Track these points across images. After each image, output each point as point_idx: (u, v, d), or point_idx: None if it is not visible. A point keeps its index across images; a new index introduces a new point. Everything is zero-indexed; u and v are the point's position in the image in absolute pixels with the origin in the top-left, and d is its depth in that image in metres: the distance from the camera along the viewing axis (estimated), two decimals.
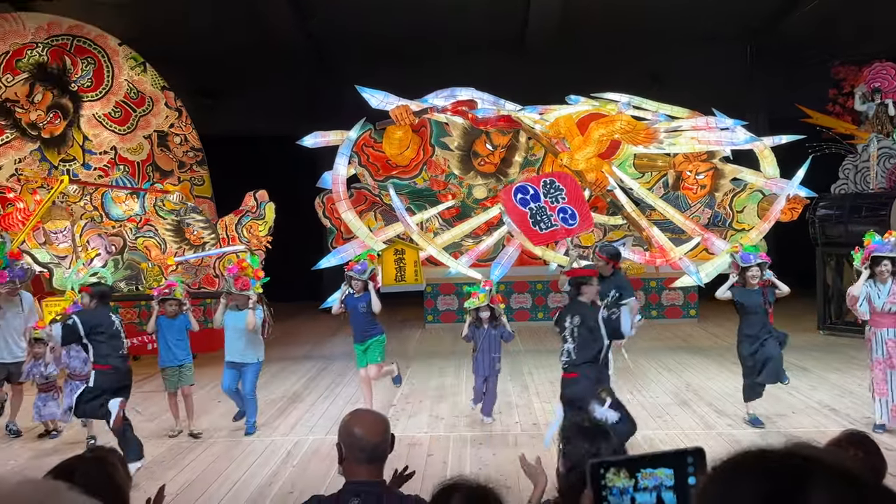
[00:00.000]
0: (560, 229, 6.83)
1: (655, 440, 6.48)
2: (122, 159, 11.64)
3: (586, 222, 7.05)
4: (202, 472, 5.98)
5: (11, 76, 11.52)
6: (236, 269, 7.10)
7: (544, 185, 6.90)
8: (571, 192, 6.93)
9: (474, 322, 7.27)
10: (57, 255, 10.84)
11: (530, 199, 6.85)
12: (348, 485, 2.37)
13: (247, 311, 6.94)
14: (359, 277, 7.20)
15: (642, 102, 10.37)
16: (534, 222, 6.85)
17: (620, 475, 1.15)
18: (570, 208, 6.85)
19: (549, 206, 6.82)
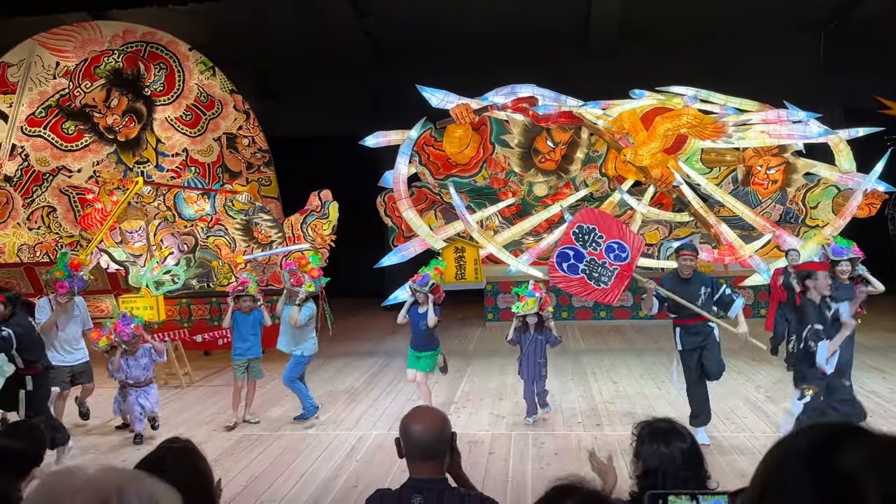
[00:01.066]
0: (621, 270, 6.42)
1: (724, 444, 6.30)
2: (193, 161, 12.06)
3: (636, 244, 6.56)
4: (269, 464, 6.13)
5: (90, 82, 12.09)
6: (294, 265, 7.32)
7: (576, 236, 6.46)
8: (602, 225, 6.47)
9: (520, 327, 7.13)
10: (132, 254, 11.32)
11: (575, 260, 6.44)
12: (411, 481, 2.40)
13: (293, 307, 7.15)
14: (419, 289, 7.17)
15: (709, 95, 10.11)
16: (595, 282, 6.43)
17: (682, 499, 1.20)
18: (615, 242, 6.42)
19: (595, 254, 6.41)
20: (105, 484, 0.96)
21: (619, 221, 6.95)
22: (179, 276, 9.68)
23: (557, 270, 6.49)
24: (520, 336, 7.15)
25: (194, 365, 9.90)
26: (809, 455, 0.90)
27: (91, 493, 0.94)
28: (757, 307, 13.21)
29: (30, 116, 12.07)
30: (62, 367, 7.20)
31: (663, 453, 2.43)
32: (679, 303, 6.39)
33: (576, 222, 6.56)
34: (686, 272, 6.50)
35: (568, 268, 6.46)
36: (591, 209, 6.99)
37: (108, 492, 0.94)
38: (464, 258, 9.63)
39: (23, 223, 12.03)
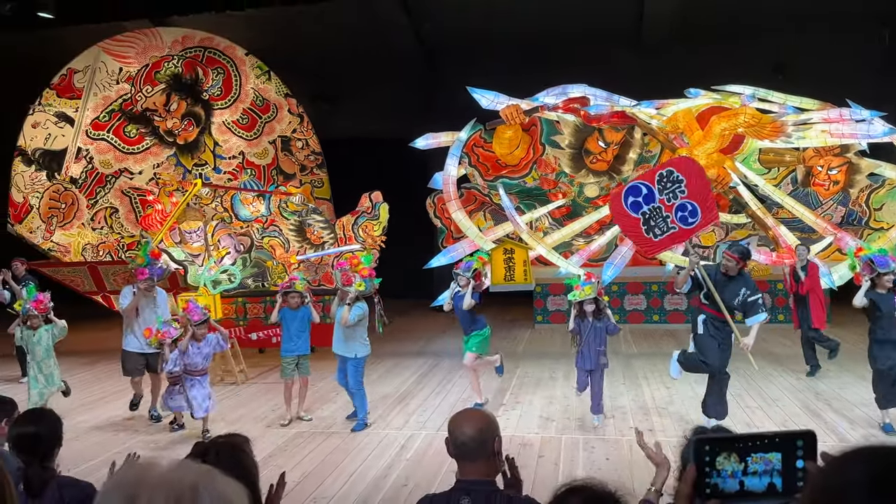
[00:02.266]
0: (678, 232, 6.24)
1: None
2: (249, 163, 12.34)
3: (709, 216, 6.33)
4: (320, 462, 6.23)
5: (151, 87, 12.50)
6: (346, 265, 7.42)
7: (660, 178, 6.20)
8: (693, 182, 6.18)
9: (579, 315, 7.11)
10: (191, 254, 11.65)
11: (643, 202, 6.22)
12: (459, 483, 2.41)
13: (344, 307, 7.21)
14: (462, 274, 7.39)
15: (768, 94, 9.83)
16: (647, 229, 6.24)
17: (731, 459, 1.13)
18: (690, 203, 6.17)
19: (666, 205, 6.20)
20: (180, 481, 0.98)
21: (710, 188, 6.65)
22: (236, 275, 9.92)
23: (620, 200, 6.30)
24: (579, 324, 7.11)
25: (249, 362, 10.13)
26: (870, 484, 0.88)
27: (167, 491, 0.96)
28: None
29: (94, 120, 12.54)
30: (135, 354, 7.56)
31: None
32: (711, 294, 6.36)
33: (670, 165, 6.35)
34: (727, 271, 6.41)
35: (631, 204, 6.26)
36: (696, 162, 6.74)
37: (182, 489, 0.97)
38: (513, 259, 9.60)
39: (87, 223, 12.50)
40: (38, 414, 3.22)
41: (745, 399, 7.80)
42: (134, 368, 7.59)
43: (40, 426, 3.01)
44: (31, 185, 12.54)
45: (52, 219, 12.46)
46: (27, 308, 7.28)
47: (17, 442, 2.97)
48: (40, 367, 7.27)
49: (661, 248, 6.44)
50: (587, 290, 6.95)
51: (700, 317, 6.57)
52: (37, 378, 7.25)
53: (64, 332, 7.41)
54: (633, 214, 6.29)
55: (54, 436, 3.05)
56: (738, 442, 1.15)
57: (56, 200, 12.52)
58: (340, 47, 14.17)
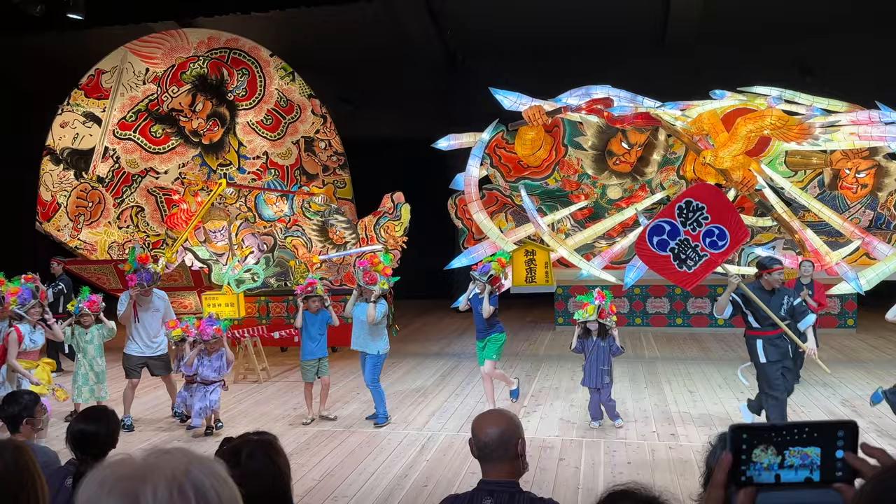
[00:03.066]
0: (710, 258, 6.10)
1: None
2: (273, 163, 12.44)
3: (739, 235, 6.21)
4: (340, 461, 6.26)
5: (177, 87, 12.64)
6: (367, 264, 7.45)
7: (680, 211, 6.10)
8: (714, 206, 6.08)
9: (582, 335, 7.10)
10: (215, 253, 11.77)
11: (668, 238, 6.12)
12: (483, 483, 2.41)
13: (368, 304, 7.28)
14: (478, 278, 7.34)
15: (795, 96, 9.71)
16: (679, 263, 6.13)
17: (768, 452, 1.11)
18: (717, 227, 6.07)
19: (692, 235, 6.08)
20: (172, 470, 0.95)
21: (733, 207, 6.57)
22: (259, 274, 10.00)
23: (646, 243, 6.22)
24: (583, 343, 7.11)
25: (271, 361, 10.22)
26: None
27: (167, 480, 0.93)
28: (843, 316, 12.61)
29: (121, 120, 12.71)
30: (134, 357, 7.51)
31: None
32: (762, 310, 6.20)
33: (686, 196, 6.24)
34: (775, 285, 6.30)
35: (658, 243, 6.18)
36: (711, 185, 6.66)
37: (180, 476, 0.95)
38: (534, 261, 9.56)
39: (113, 222, 12.68)
40: (101, 413, 3.24)
41: None
42: (131, 369, 7.52)
43: (101, 425, 3.06)
44: (59, 184, 12.75)
45: (80, 217, 12.66)
46: (80, 307, 7.41)
47: (77, 438, 3.01)
48: (92, 366, 7.37)
49: (699, 279, 6.31)
50: (589, 311, 6.93)
51: (757, 343, 6.35)
52: (88, 376, 7.35)
53: (112, 333, 7.53)
54: (662, 253, 6.20)
55: (112, 437, 3.10)
56: (776, 434, 1.11)
57: (83, 199, 12.71)
58: (364, 48, 14.24)
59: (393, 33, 14.09)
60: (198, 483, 0.96)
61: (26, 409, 3.65)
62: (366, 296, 7.37)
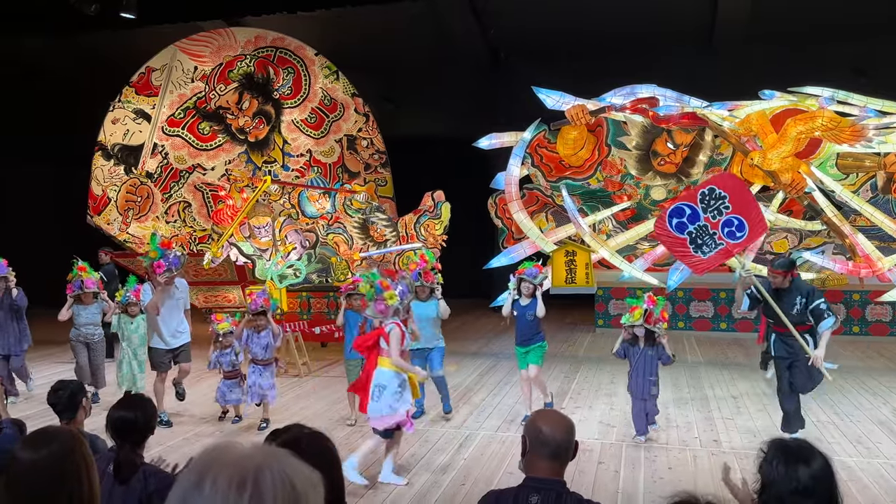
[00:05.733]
0: (726, 248, 6.11)
1: (855, 469, 5.87)
2: (316, 161, 12.60)
3: (757, 229, 6.21)
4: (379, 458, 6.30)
5: (224, 86, 12.89)
6: (423, 264, 7.50)
7: (702, 197, 6.12)
8: (736, 197, 6.12)
9: (629, 339, 6.77)
10: (259, 248, 11.97)
11: (688, 222, 6.14)
12: (529, 480, 2.41)
13: (438, 301, 7.44)
14: (530, 280, 7.27)
15: (848, 97, 9.43)
16: (695, 248, 6.16)
17: None
18: (737, 218, 6.09)
19: (711, 222, 6.10)
20: (248, 462, 1.00)
21: (755, 201, 6.56)
22: (301, 270, 10.14)
23: (665, 224, 6.27)
24: (627, 349, 6.81)
25: (312, 356, 10.35)
26: None
27: (232, 472, 0.98)
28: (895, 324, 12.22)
29: (170, 117, 13.02)
30: (161, 350, 7.42)
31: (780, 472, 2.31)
32: (772, 308, 6.21)
33: (710, 183, 6.27)
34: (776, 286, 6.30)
35: (676, 225, 6.21)
36: (734, 175, 6.63)
37: (247, 471, 0.99)
38: (574, 262, 9.47)
39: (161, 216, 13.00)
40: (138, 400, 3.31)
41: (816, 414, 7.52)
42: (160, 363, 7.40)
43: (139, 413, 3.12)
44: (109, 179, 13.12)
45: (129, 211, 13.00)
46: (127, 296, 7.58)
47: (117, 425, 3.07)
48: (135, 354, 7.54)
49: (712, 265, 6.37)
50: (636, 315, 6.61)
51: (772, 336, 6.48)
52: (131, 364, 7.52)
53: None
54: (680, 235, 6.22)
55: (149, 424, 3.16)
56: None
57: (132, 194, 13.06)
58: (407, 48, 14.29)
59: (436, 32, 14.11)
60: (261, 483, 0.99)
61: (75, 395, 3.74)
62: (421, 295, 7.42)
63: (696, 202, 6.16)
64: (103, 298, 8.08)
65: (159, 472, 3.04)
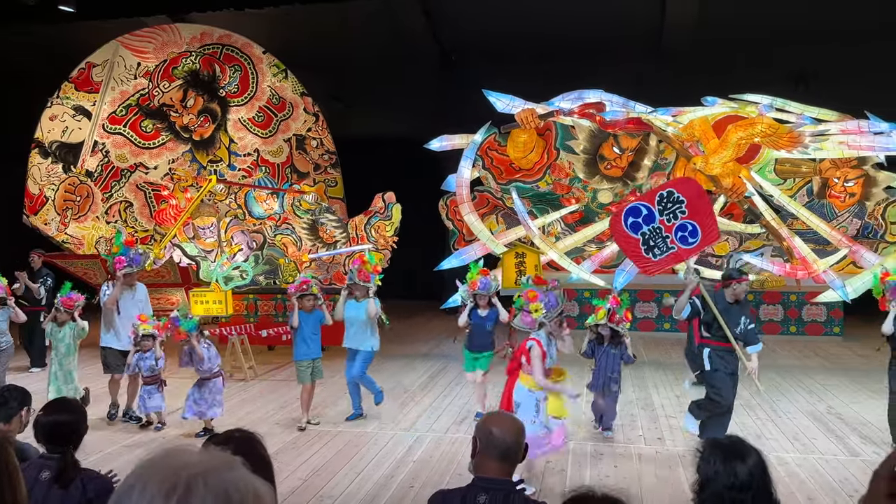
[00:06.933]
0: (677, 252, 6.17)
1: (792, 464, 6.07)
2: (264, 161, 12.39)
3: (710, 236, 6.30)
4: (328, 460, 6.24)
5: (168, 83, 12.58)
6: (359, 262, 7.46)
7: (660, 199, 6.17)
8: (693, 202, 6.16)
9: (593, 338, 6.97)
10: (204, 249, 11.71)
11: (643, 222, 6.19)
12: (478, 480, 2.43)
13: (367, 301, 7.34)
14: (485, 293, 7.31)
15: (786, 104, 9.76)
16: (646, 249, 6.20)
17: None
18: (691, 223, 6.15)
19: (666, 225, 6.14)
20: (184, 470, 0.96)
21: (712, 209, 6.59)
22: (248, 272, 9.95)
23: (620, 222, 6.31)
24: (593, 348, 6.99)
25: (258, 359, 10.16)
26: None
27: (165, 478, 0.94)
28: (830, 324, 12.70)
29: (111, 114, 12.63)
30: (114, 350, 7.31)
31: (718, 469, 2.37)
32: (717, 320, 6.18)
33: (670, 186, 6.32)
34: (739, 297, 6.29)
35: (631, 224, 6.25)
36: (696, 182, 6.70)
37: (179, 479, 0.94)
38: (524, 264, 9.55)
39: (101, 217, 12.59)
40: (67, 403, 3.20)
41: (755, 410, 7.75)
42: (115, 365, 7.30)
43: (71, 415, 3.03)
44: (47, 178, 12.65)
45: (67, 211, 12.56)
46: (57, 303, 7.30)
47: (52, 430, 2.96)
48: (61, 364, 7.22)
49: (660, 268, 6.45)
50: (600, 315, 6.80)
51: (705, 351, 6.38)
52: (56, 375, 7.23)
53: (83, 333, 7.32)
54: (633, 235, 6.27)
55: (82, 426, 3.08)
56: None
57: (71, 193, 12.62)
58: (358, 47, 14.21)
59: (387, 32, 14.07)
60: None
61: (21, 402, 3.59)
62: (357, 294, 7.37)
63: (653, 203, 6.21)
64: (11, 305, 7.62)
65: (98, 477, 2.97)
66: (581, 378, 7.69)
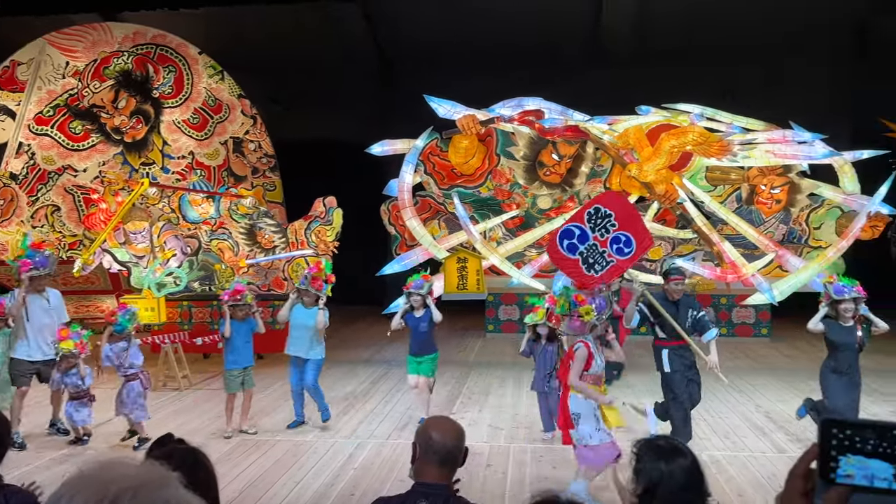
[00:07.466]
0: (616, 264, 6.29)
1: (723, 462, 6.27)
2: (199, 164, 12.08)
3: (644, 243, 6.45)
4: (266, 470, 6.11)
5: (99, 83, 12.14)
6: (315, 269, 7.32)
7: (589, 217, 6.29)
8: (621, 214, 6.32)
9: (532, 337, 7.12)
10: (136, 255, 11.33)
11: (578, 242, 6.28)
12: (417, 486, 2.42)
13: (317, 310, 7.21)
14: (417, 292, 7.32)
15: (716, 114, 10.13)
16: (587, 267, 6.29)
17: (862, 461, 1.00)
18: (624, 234, 6.28)
19: (600, 241, 6.25)
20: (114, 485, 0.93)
21: (639, 216, 6.79)
22: (181, 278, 9.69)
23: (557, 246, 6.39)
24: (532, 347, 7.11)
25: (193, 368, 9.89)
26: None
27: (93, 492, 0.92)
28: (758, 326, 13.20)
29: (38, 115, 12.11)
30: (24, 361, 6.86)
31: (663, 470, 2.39)
32: (667, 320, 6.41)
33: (596, 203, 6.44)
34: (675, 295, 6.56)
35: (567, 246, 6.32)
36: (618, 194, 6.88)
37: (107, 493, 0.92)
38: (466, 268, 9.62)
39: (27, 221, 12.04)
40: None
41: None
42: (21, 377, 6.83)
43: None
44: None
45: None
46: None
47: None
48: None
49: (606, 281, 6.60)
50: (539, 315, 6.93)
51: (662, 352, 6.56)
52: None
53: None
54: (572, 256, 6.34)
55: (4, 440, 2.93)
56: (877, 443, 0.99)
57: None
58: (298, 49, 14.05)
59: (328, 36, 13.96)
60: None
61: None
62: (306, 301, 7.25)
63: (583, 222, 6.32)
64: None
65: (20, 491, 2.84)
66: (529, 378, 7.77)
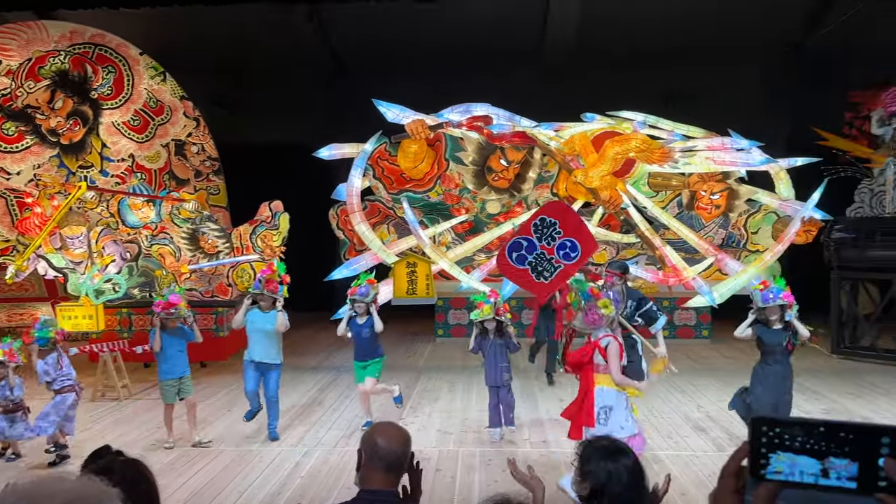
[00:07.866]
0: (564, 269, 6.49)
1: (666, 461, 6.41)
2: (140, 167, 11.74)
3: (588, 247, 6.70)
4: (210, 480, 5.97)
5: (33, 83, 11.67)
6: (268, 272, 7.19)
7: (535, 228, 6.50)
8: (565, 221, 6.53)
9: (480, 333, 7.23)
10: (72, 261, 10.93)
11: (526, 253, 6.49)
12: (363, 493, 2.41)
13: (276, 313, 7.10)
14: (361, 300, 7.30)
15: (658, 121, 10.39)
16: (536, 275, 6.51)
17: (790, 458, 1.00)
18: (569, 240, 6.50)
19: (547, 249, 6.46)
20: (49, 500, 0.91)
21: (582, 222, 6.99)
22: (121, 284, 9.40)
23: (506, 259, 6.56)
24: (480, 343, 7.20)
25: (133, 377, 9.60)
26: None
27: None
28: (699, 328, 13.56)
29: None
30: None
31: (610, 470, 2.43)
32: None
33: (541, 214, 6.61)
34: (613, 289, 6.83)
35: (517, 258, 6.53)
36: (560, 202, 7.08)
37: None
38: (416, 273, 9.61)
39: None
40: None
41: None
42: None
43: None
44: None
45: None
46: None
47: None
48: None
49: (555, 288, 6.89)
50: (486, 310, 7.05)
51: None
52: None
53: None
54: (521, 267, 6.54)
55: None
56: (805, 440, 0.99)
57: None
58: (244, 51, 13.81)
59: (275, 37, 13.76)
60: None
61: None
62: (263, 305, 7.11)
63: (530, 234, 6.51)
64: None
65: None
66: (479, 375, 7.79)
